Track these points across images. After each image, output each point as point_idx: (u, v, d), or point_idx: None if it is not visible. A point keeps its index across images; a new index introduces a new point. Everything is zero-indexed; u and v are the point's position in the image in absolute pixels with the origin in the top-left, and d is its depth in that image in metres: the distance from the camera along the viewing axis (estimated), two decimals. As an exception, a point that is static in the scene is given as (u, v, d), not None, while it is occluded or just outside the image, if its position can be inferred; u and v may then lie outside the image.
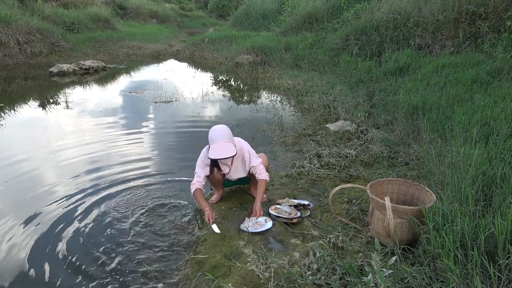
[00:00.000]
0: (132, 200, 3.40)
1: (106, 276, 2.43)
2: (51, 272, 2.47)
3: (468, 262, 1.81)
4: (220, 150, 2.64)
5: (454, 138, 3.33)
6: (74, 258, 2.62)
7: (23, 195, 3.48)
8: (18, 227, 2.96)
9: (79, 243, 2.79)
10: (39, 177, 3.88)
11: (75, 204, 3.32)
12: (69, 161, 4.27)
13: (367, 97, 5.88)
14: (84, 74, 10.23)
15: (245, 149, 2.93)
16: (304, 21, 11.82)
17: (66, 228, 2.98)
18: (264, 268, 2.18)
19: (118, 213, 3.18)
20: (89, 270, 2.49)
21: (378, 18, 8.26)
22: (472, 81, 4.78)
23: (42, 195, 3.47)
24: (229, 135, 2.73)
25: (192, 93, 8.02)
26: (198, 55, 14.06)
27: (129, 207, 3.27)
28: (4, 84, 8.73)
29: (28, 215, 3.13)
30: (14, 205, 3.31)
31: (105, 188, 3.63)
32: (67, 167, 4.12)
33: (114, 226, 3.00)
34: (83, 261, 2.58)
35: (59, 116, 6.25)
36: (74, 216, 3.14)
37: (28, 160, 4.30)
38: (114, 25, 17.19)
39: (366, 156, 3.97)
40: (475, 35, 6.40)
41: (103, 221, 3.07)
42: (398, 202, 2.63)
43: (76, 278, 2.42)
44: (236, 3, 25.45)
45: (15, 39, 11.59)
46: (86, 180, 3.79)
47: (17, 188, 3.62)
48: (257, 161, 2.93)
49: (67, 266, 2.53)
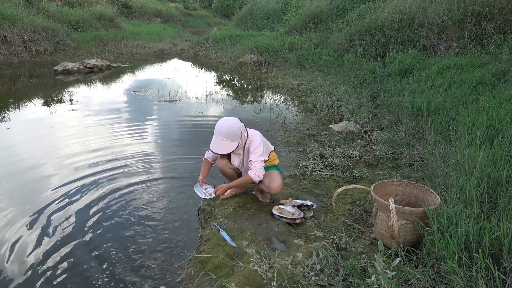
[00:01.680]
0: (135, 199, 3.41)
1: (108, 275, 2.43)
2: (52, 270, 2.48)
3: (473, 264, 1.80)
4: (213, 144, 2.78)
5: (459, 140, 3.32)
6: (75, 256, 2.62)
7: (25, 191, 3.50)
8: (18, 224, 2.97)
9: (81, 241, 2.80)
10: (41, 175, 3.89)
11: (77, 203, 3.33)
12: (73, 159, 4.28)
13: (371, 98, 5.86)
14: (89, 73, 10.27)
15: (254, 144, 2.83)
16: (309, 21, 11.80)
17: (68, 226, 2.98)
18: (267, 268, 2.18)
19: (120, 212, 3.19)
20: (91, 269, 2.49)
21: (383, 18, 8.23)
22: (477, 82, 4.76)
23: (44, 193, 3.48)
24: (226, 133, 2.72)
25: (196, 93, 8.03)
26: (202, 54, 14.08)
27: (132, 206, 3.28)
28: (9, 82, 8.78)
29: (28, 214, 3.14)
30: (16, 200, 3.33)
31: (108, 186, 3.64)
32: (70, 165, 4.13)
33: (117, 225, 3.01)
34: (85, 260, 2.59)
35: (63, 114, 6.27)
36: (76, 215, 3.14)
37: (31, 158, 4.32)
38: (118, 24, 17.23)
39: (370, 157, 3.96)
40: (480, 36, 6.37)
41: (105, 220, 3.07)
42: (402, 204, 2.62)
43: (78, 277, 2.42)
44: (240, 3, 25.47)
45: (20, 38, 11.64)
46: (88, 178, 3.79)
47: (19, 184, 3.64)
48: (256, 157, 2.79)
49: (69, 265, 2.54)
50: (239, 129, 2.77)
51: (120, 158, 4.35)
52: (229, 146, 2.75)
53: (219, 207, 3.05)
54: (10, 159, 4.27)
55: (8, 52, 11.41)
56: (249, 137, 2.87)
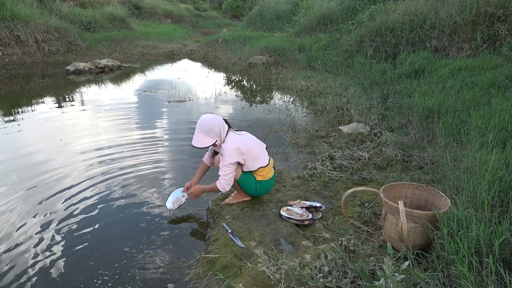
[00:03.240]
0: (143, 197, 3.44)
1: (116, 274, 2.45)
2: (60, 268, 2.51)
3: (483, 269, 1.78)
4: (194, 137, 2.85)
5: (470, 143, 3.28)
6: (84, 254, 2.65)
7: (34, 189, 3.56)
8: (25, 219, 3.03)
9: (90, 239, 2.83)
10: (48, 171, 3.95)
11: (87, 202, 3.37)
12: (83, 158, 4.33)
13: (381, 100, 5.82)
14: (100, 73, 10.39)
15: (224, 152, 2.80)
16: (318, 22, 11.78)
17: (77, 224, 3.02)
18: (275, 269, 2.18)
19: (129, 211, 3.22)
20: (99, 268, 2.51)
21: (394, 19, 8.17)
22: (489, 84, 4.70)
23: (54, 191, 3.54)
24: (204, 127, 2.79)
25: (206, 93, 8.06)
26: (211, 55, 14.13)
27: (140, 204, 3.31)
28: (22, 81, 8.93)
29: (39, 211, 3.19)
30: (25, 194, 3.38)
31: (117, 185, 3.68)
32: (81, 163, 4.18)
33: (125, 224, 3.04)
34: (93, 258, 2.61)
35: (75, 113, 6.36)
36: (85, 213, 3.18)
37: (42, 155, 4.40)
38: (129, 25, 17.41)
39: (379, 159, 3.94)
40: (493, 38, 6.28)
41: (113, 219, 3.11)
42: (412, 207, 2.60)
43: (86, 275, 2.45)
44: (250, 4, 25.52)
45: (33, 38, 11.84)
46: (98, 178, 3.83)
47: (29, 178, 3.70)
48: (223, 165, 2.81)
49: (77, 262, 2.57)
50: (217, 126, 2.80)
51: (130, 156, 4.39)
52: (205, 140, 2.80)
53: (227, 207, 3.06)
54: (20, 155, 4.34)
55: (22, 52, 11.61)
56: (226, 141, 2.84)
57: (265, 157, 3.00)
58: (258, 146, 2.97)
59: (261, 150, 2.99)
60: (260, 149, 2.98)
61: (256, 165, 2.92)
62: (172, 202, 3.12)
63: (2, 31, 11.28)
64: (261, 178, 2.98)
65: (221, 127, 2.83)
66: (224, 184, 2.84)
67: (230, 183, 2.86)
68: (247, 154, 2.84)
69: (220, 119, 2.86)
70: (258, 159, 2.93)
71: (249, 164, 2.89)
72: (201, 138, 2.81)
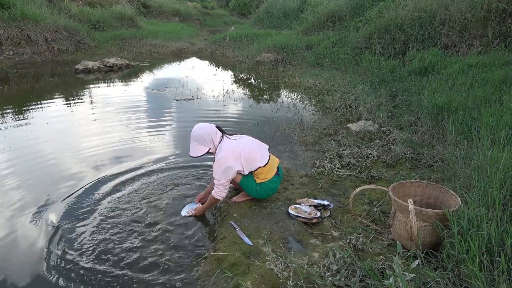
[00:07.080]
0: (150, 194, 3.46)
1: (124, 271, 2.47)
2: (68, 265, 2.54)
3: (494, 268, 1.76)
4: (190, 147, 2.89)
5: (481, 141, 3.24)
6: (92, 252, 2.68)
7: (43, 186, 3.60)
8: (31, 216, 3.07)
9: (98, 237, 2.85)
10: (61, 170, 3.99)
11: (96, 198, 3.40)
12: (92, 155, 4.37)
13: (390, 97, 5.77)
14: (108, 72, 10.46)
15: (216, 160, 2.83)
16: (326, 20, 11.70)
17: (85, 221, 3.05)
18: (283, 267, 2.18)
19: (137, 208, 3.24)
20: (107, 265, 2.54)
21: (403, 16, 8.09)
22: (501, 81, 4.63)
23: (63, 190, 3.57)
24: (194, 137, 2.85)
25: (213, 91, 8.07)
26: (219, 53, 14.14)
27: (148, 202, 3.33)
28: (32, 80, 9.03)
29: (46, 206, 3.24)
30: (35, 192, 3.42)
31: (126, 182, 3.70)
32: (89, 159, 4.22)
33: (134, 221, 3.05)
34: (101, 255, 2.63)
35: (84, 111, 6.41)
36: (93, 210, 3.21)
37: (52, 153, 4.44)
38: (137, 24, 17.48)
39: (388, 157, 3.91)
40: (505, 34, 6.19)
41: (122, 216, 3.13)
42: (422, 205, 2.57)
43: (94, 272, 2.47)
44: (257, 2, 25.47)
45: (43, 37, 11.95)
46: (107, 174, 3.86)
47: (38, 178, 3.75)
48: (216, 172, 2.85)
49: (85, 260, 2.59)
50: (208, 134, 2.83)
51: (139, 154, 4.41)
52: (198, 149, 2.85)
53: (235, 205, 3.06)
54: (30, 153, 4.40)
55: (32, 51, 11.73)
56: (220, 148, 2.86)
57: (264, 157, 2.97)
58: (255, 147, 2.95)
59: (259, 150, 2.96)
60: (258, 150, 2.95)
61: (254, 165, 2.91)
62: (187, 211, 3.17)
63: (12, 31, 11.41)
64: (261, 180, 2.97)
65: (212, 135, 2.85)
66: (219, 191, 2.88)
67: (225, 190, 2.90)
68: (242, 157, 2.84)
69: (211, 126, 2.89)
70: (256, 160, 2.91)
71: (247, 166, 2.89)
72: (195, 147, 2.86)
